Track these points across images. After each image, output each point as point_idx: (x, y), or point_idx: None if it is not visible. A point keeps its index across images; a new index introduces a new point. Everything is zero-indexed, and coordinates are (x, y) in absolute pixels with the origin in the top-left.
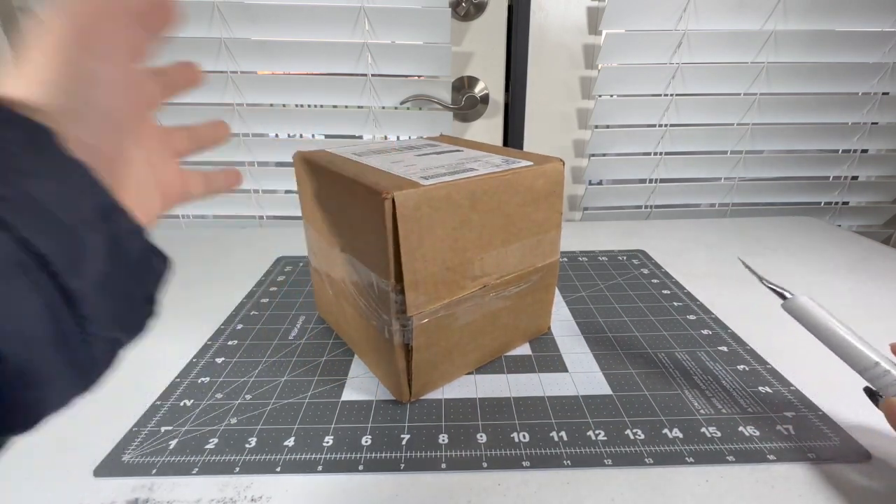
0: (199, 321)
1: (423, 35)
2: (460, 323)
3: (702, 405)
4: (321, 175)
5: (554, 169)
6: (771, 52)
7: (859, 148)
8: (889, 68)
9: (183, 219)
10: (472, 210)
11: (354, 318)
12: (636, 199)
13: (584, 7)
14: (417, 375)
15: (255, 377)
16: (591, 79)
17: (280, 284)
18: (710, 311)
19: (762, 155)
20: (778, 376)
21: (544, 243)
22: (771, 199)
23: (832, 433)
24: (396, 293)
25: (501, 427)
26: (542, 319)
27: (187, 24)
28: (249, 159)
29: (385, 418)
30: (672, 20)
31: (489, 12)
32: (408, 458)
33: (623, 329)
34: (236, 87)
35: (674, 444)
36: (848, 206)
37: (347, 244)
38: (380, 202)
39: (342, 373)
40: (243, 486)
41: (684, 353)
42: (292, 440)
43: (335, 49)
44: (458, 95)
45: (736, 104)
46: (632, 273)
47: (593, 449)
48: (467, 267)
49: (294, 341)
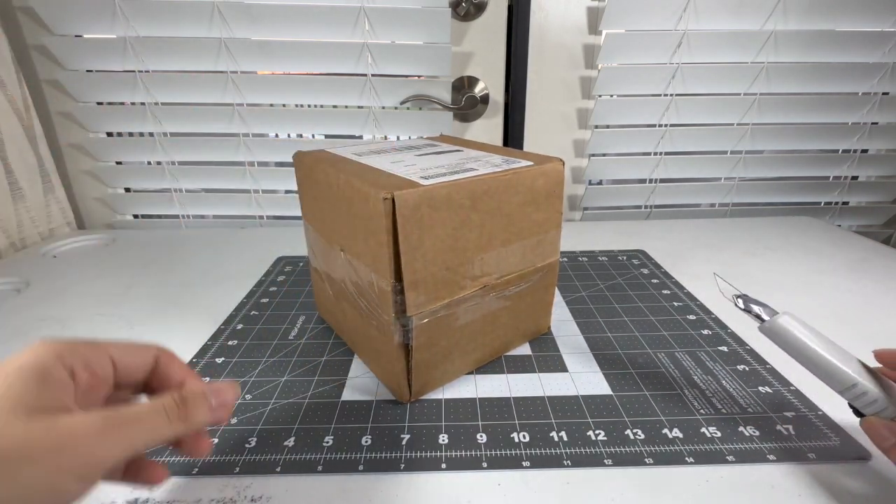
0: (199, 321)
1: (423, 35)
2: (460, 323)
3: (702, 405)
4: (321, 175)
5: (554, 169)
6: (771, 52)
7: (859, 148)
8: (889, 68)
9: (183, 219)
10: (473, 210)
11: (354, 318)
12: (636, 198)
13: (584, 7)
14: (417, 375)
15: (255, 377)
16: (591, 79)
17: (280, 284)
18: (710, 311)
19: (762, 155)
20: (778, 376)
21: (544, 243)
22: (771, 199)
23: (832, 433)
24: (396, 293)
25: (501, 427)
26: (542, 319)
27: (187, 24)
28: (249, 159)
29: (385, 418)
30: (672, 20)
31: (489, 12)
32: (408, 458)
33: (623, 329)
34: (236, 87)
35: (674, 444)
36: (848, 206)
37: (347, 244)
38: (380, 202)
39: (342, 373)
40: (243, 486)
41: (684, 353)
42: (292, 440)
43: (335, 49)
44: (458, 95)
45: (736, 104)
46: (632, 273)
47: (593, 449)
48: (467, 267)
49: (294, 341)
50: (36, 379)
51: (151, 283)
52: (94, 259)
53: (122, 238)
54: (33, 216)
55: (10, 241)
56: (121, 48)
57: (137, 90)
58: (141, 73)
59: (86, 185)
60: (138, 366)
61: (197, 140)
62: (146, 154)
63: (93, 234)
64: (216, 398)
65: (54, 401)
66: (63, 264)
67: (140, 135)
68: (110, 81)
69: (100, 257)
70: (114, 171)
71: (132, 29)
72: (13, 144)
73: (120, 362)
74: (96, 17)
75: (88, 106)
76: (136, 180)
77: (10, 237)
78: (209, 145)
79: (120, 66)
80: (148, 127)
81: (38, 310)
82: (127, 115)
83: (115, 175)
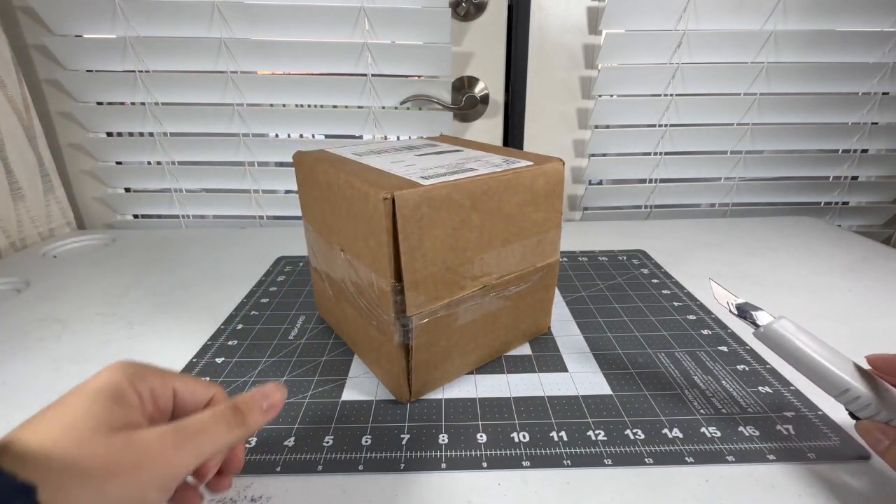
0: (199, 321)
1: (423, 35)
2: (460, 323)
3: (702, 405)
4: (321, 175)
5: (554, 169)
6: (771, 52)
7: (859, 148)
8: (889, 68)
9: (183, 219)
10: (472, 210)
11: (354, 318)
12: (636, 199)
13: (584, 7)
14: (417, 375)
15: (255, 377)
16: (591, 79)
17: (280, 284)
18: (710, 311)
19: (762, 155)
20: (778, 376)
21: (544, 243)
22: (771, 199)
23: (832, 433)
24: (396, 293)
25: (501, 427)
26: (542, 319)
27: (187, 24)
28: (249, 159)
29: (385, 418)
30: (672, 20)
31: (489, 12)
32: (408, 458)
33: (623, 329)
34: (236, 87)
35: (674, 444)
36: (848, 206)
37: (347, 244)
38: (380, 202)
39: (342, 373)
40: (243, 486)
41: (684, 353)
42: (292, 440)
43: (335, 49)
44: (458, 95)
45: (736, 104)
46: (632, 273)
47: (593, 449)
48: (467, 267)
49: (294, 341)
50: (113, 399)
51: (151, 283)
52: (93, 259)
53: (122, 238)
54: (33, 216)
55: (10, 241)
56: (121, 48)
57: (137, 90)
58: (141, 73)
59: (86, 185)
60: (196, 403)
61: (197, 140)
62: (146, 154)
63: (93, 234)
64: (266, 401)
65: (129, 419)
66: (63, 264)
67: (140, 135)
68: (110, 81)
69: (100, 257)
70: (114, 171)
71: (132, 29)
72: (13, 144)
73: (180, 397)
74: (96, 17)
75: (88, 106)
76: (136, 180)
77: (10, 237)
78: (209, 145)
79: (120, 66)
80: (148, 127)
81: (38, 310)
82: (127, 115)
83: (115, 175)
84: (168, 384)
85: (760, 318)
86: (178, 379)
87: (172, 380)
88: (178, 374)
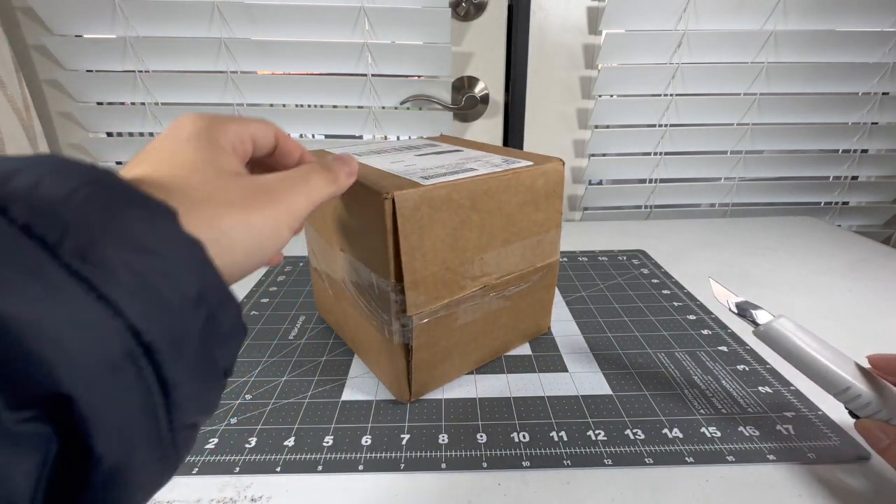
0: None
1: (423, 35)
2: (460, 323)
3: (702, 405)
4: None
5: (554, 169)
6: (771, 52)
7: (859, 148)
8: (889, 68)
9: None
10: (472, 210)
11: (354, 318)
12: (636, 199)
13: (584, 7)
14: (417, 375)
15: (255, 377)
16: (591, 79)
17: (280, 284)
18: (710, 311)
19: (762, 155)
20: (778, 376)
21: (544, 243)
22: (771, 199)
23: (832, 433)
24: (396, 293)
25: (501, 427)
26: (542, 319)
27: (187, 24)
28: None
29: (385, 418)
30: (672, 20)
31: (489, 12)
32: (408, 458)
33: (623, 329)
34: (236, 87)
35: (674, 444)
36: (848, 206)
37: (347, 244)
38: (380, 202)
39: (342, 373)
40: (243, 486)
41: (684, 353)
42: (292, 440)
43: (335, 49)
44: (458, 95)
45: (736, 104)
46: (632, 273)
47: (593, 449)
48: (467, 267)
49: (294, 341)
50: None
51: None
52: None
53: None
54: None
55: None
56: (121, 48)
57: (137, 90)
58: (141, 73)
59: None
60: (270, 141)
61: None
62: None
63: None
64: (347, 167)
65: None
66: None
67: (140, 135)
68: (110, 81)
69: None
70: None
71: (132, 29)
72: (13, 144)
73: (256, 138)
74: (96, 17)
75: (88, 106)
76: None
77: None
78: None
79: (120, 66)
80: (148, 127)
81: None
82: (127, 115)
83: None
84: (246, 128)
85: (760, 316)
86: (252, 123)
87: (250, 126)
88: (246, 119)
